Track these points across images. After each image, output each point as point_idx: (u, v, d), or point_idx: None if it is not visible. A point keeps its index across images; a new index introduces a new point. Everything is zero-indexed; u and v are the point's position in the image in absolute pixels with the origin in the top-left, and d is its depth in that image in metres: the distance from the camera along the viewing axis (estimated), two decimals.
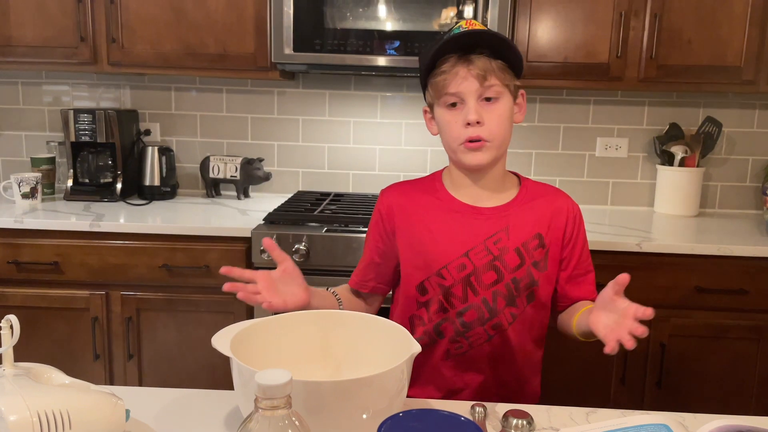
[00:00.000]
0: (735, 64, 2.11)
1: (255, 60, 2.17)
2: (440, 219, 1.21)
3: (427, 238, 1.20)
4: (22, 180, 2.19)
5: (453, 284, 1.18)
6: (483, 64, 1.11)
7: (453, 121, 1.15)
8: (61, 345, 2.06)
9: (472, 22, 1.15)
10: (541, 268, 1.20)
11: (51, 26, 2.17)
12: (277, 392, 0.57)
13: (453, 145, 1.17)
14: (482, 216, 1.20)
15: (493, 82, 1.12)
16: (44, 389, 0.80)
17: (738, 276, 1.93)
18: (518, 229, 1.19)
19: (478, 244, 1.18)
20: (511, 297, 1.18)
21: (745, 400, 2.00)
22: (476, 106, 1.12)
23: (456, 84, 1.12)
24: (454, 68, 1.12)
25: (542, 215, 1.22)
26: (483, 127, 1.13)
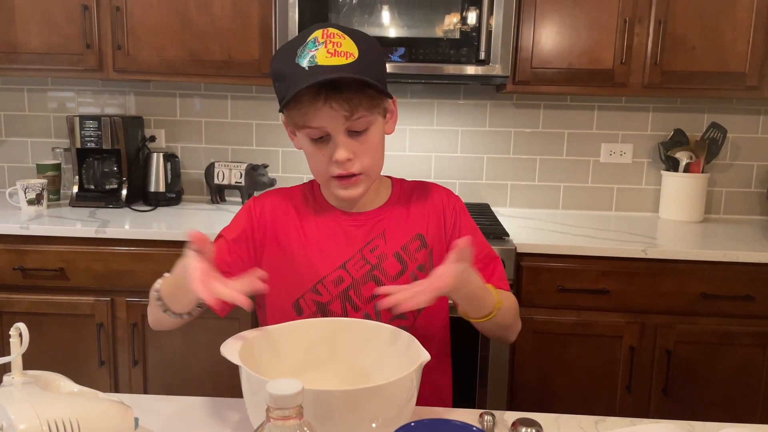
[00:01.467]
0: (739, 69, 2.11)
1: (260, 66, 2.17)
2: (315, 229, 1.11)
3: (303, 250, 1.09)
4: (27, 186, 2.20)
5: (330, 300, 1.07)
6: (348, 105, 0.96)
7: (319, 153, 1.02)
8: (66, 351, 2.06)
9: (332, 33, 0.97)
10: (427, 270, 1.08)
11: (57, 33, 2.18)
12: (289, 402, 0.57)
13: (321, 178, 1.06)
14: (357, 222, 1.10)
15: (362, 114, 0.98)
16: (53, 397, 0.80)
17: (744, 282, 1.92)
18: (395, 232, 1.10)
19: (355, 253, 1.08)
20: None
21: (751, 406, 1.99)
22: (345, 142, 0.99)
23: (319, 120, 0.97)
24: (315, 106, 0.96)
25: (420, 213, 1.13)
26: (354, 163, 1.01)
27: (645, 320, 1.96)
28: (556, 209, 2.56)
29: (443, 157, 2.54)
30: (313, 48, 0.95)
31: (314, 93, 0.95)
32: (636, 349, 1.97)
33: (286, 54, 0.99)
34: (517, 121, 2.51)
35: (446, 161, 2.55)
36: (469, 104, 2.51)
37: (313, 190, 1.16)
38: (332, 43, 0.95)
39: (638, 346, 1.97)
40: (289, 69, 0.96)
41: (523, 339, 1.95)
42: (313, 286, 1.07)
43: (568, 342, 1.98)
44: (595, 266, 1.93)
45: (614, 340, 1.98)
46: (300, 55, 0.96)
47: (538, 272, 1.95)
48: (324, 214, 1.12)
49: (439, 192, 1.17)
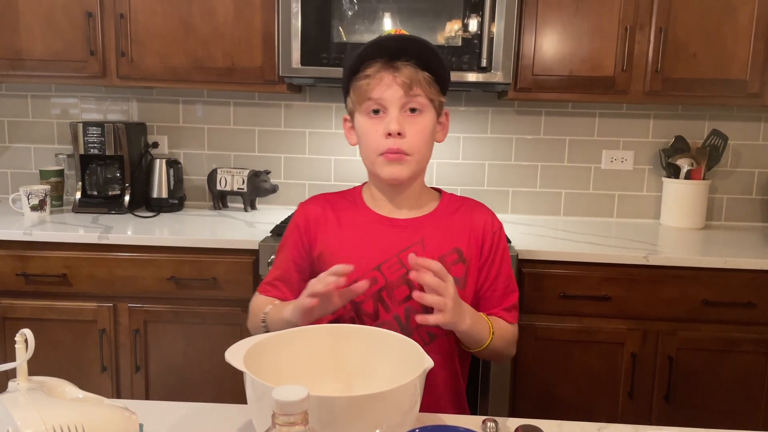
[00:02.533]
0: (740, 77, 2.12)
1: (263, 73, 2.19)
2: (354, 231, 1.15)
3: (340, 252, 1.14)
4: (30, 192, 2.21)
5: (364, 300, 1.11)
6: (409, 73, 1.06)
7: (373, 129, 1.09)
8: (68, 357, 2.06)
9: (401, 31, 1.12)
10: (461, 285, 1.11)
11: (61, 40, 2.19)
12: (295, 408, 0.58)
13: (371, 156, 1.11)
14: (397, 227, 1.14)
15: (418, 93, 1.07)
16: (58, 403, 0.80)
17: (745, 289, 1.92)
18: (434, 242, 1.13)
19: (391, 257, 1.11)
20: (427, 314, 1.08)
21: (754, 413, 1.99)
22: (399, 117, 1.07)
23: (380, 90, 1.07)
24: (379, 73, 1.07)
25: (461, 229, 1.16)
26: (404, 140, 1.08)
27: (647, 327, 1.96)
28: (557, 216, 2.56)
29: (445, 163, 2.55)
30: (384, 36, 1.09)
31: (380, 64, 1.06)
32: (638, 355, 1.97)
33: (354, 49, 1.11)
34: (518, 127, 2.51)
35: (448, 168, 2.55)
36: (471, 111, 2.52)
37: (354, 197, 1.22)
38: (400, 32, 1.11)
39: (640, 352, 1.97)
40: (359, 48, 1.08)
41: (525, 346, 1.95)
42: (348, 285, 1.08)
43: (570, 348, 1.98)
44: (597, 273, 1.94)
45: (616, 346, 1.98)
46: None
47: (539, 279, 1.95)
48: (364, 217, 1.17)
49: (484, 213, 1.20)
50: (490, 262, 1.17)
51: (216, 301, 2.01)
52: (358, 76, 1.09)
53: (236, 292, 1.99)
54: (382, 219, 1.16)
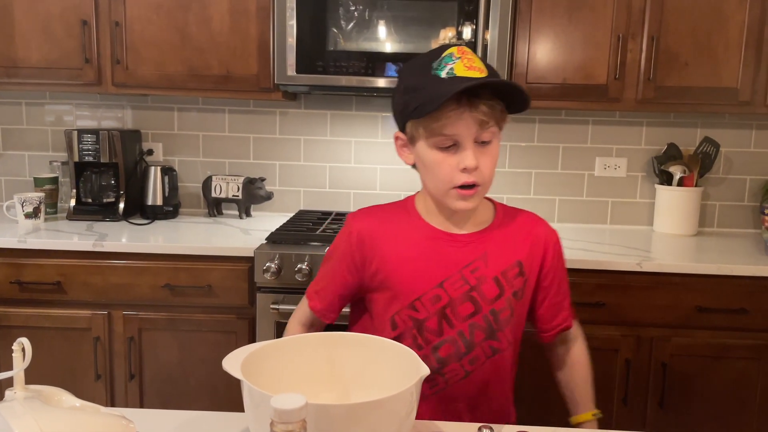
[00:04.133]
0: (731, 85, 2.14)
1: (258, 81, 2.19)
2: (413, 247, 1.13)
3: (399, 269, 1.12)
4: (25, 200, 2.20)
5: (427, 317, 1.11)
6: (488, 110, 1.02)
7: (445, 163, 1.06)
8: (62, 365, 2.06)
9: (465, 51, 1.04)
10: (519, 297, 1.14)
11: (56, 48, 2.19)
12: (293, 417, 0.58)
13: (442, 187, 1.08)
14: (458, 243, 1.12)
15: (492, 125, 1.05)
16: (56, 412, 0.80)
17: (738, 295, 1.94)
18: (497, 257, 1.13)
19: (454, 273, 1.10)
20: (491, 330, 1.12)
21: (747, 419, 2.00)
22: (474, 151, 1.04)
23: (455, 128, 1.03)
24: (455, 112, 1.01)
25: (521, 242, 1.16)
26: (478, 173, 1.06)
27: (641, 333, 1.97)
28: (551, 222, 2.54)
29: None
30: (450, 62, 1.02)
31: (456, 102, 1.01)
32: (632, 362, 1.98)
33: (418, 68, 1.06)
34: (512, 135, 2.53)
35: None
36: None
37: (408, 210, 1.18)
38: (467, 58, 1.03)
39: (634, 359, 1.98)
40: (426, 81, 1.03)
41: (520, 353, 1.95)
42: (410, 303, 1.11)
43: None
44: (591, 279, 1.95)
45: (610, 353, 1.99)
46: (437, 68, 1.03)
47: None
48: (422, 233, 1.14)
49: (541, 225, 1.21)
50: (553, 273, 1.19)
51: (211, 308, 2.01)
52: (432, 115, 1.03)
53: (231, 300, 2.00)
54: (442, 234, 1.13)
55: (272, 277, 1.91)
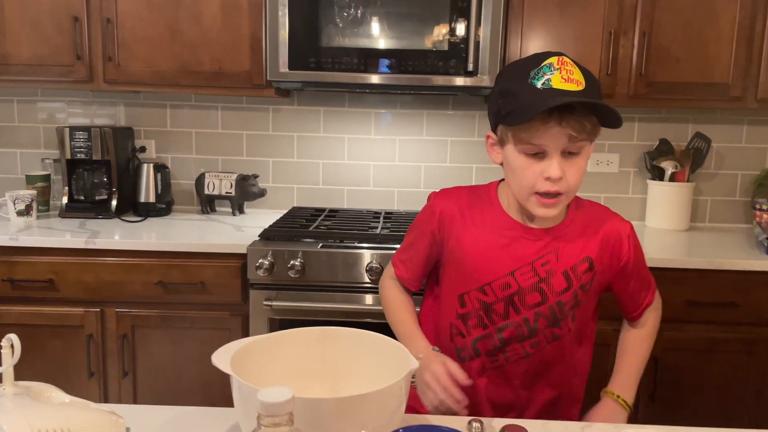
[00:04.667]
0: (723, 80, 2.15)
1: (250, 78, 2.19)
2: (490, 235, 1.18)
3: (475, 253, 1.18)
4: (17, 197, 2.20)
5: (495, 302, 1.17)
6: (578, 126, 1.03)
7: (530, 169, 1.08)
8: (55, 363, 2.05)
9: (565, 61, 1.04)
10: (586, 289, 1.18)
11: (47, 45, 2.19)
12: (280, 410, 0.58)
13: (524, 192, 1.11)
14: (533, 237, 1.16)
15: (582, 139, 1.05)
16: (45, 408, 0.80)
17: (729, 290, 1.95)
18: (568, 252, 1.17)
19: (525, 264, 1.15)
20: (555, 319, 1.17)
21: (738, 412, 2.02)
22: (560, 161, 1.06)
23: (543, 139, 1.05)
24: (546, 125, 1.03)
25: (593, 238, 1.19)
26: (563, 182, 1.07)
27: None
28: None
29: (433, 167, 2.57)
30: (549, 72, 1.03)
31: (547, 113, 1.02)
32: None
33: (516, 74, 1.07)
34: None
35: (436, 171, 2.57)
36: (458, 115, 2.54)
37: (490, 198, 1.22)
38: (566, 70, 1.03)
39: None
40: (522, 88, 1.04)
41: None
42: (480, 286, 1.17)
43: None
44: None
45: (602, 348, 1.98)
46: (534, 77, 1.04)
47: None
48: (501, 222, 1.19)
49: (614, 220, 1.23)
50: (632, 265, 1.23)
51: (204, 305, 2.01)
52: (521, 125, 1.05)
53: (224, 297, 2.00)
54: (518, 227, 1.17)
55: (265, 273, 1.92)
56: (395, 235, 2.06)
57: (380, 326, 1.26)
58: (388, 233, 2.08)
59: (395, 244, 2.01)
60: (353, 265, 1.93)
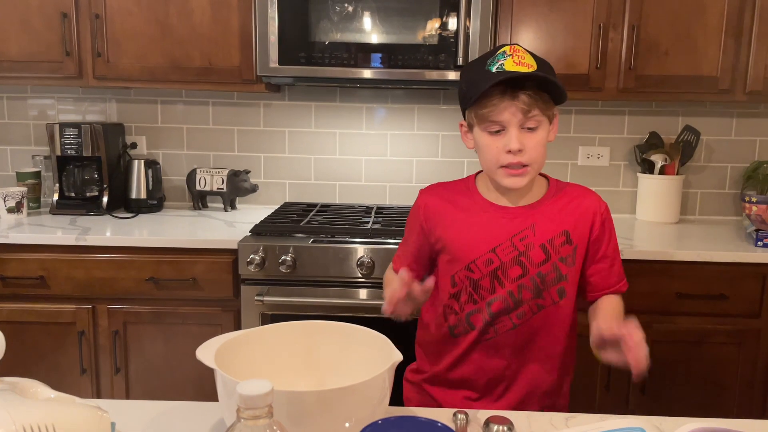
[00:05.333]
0: (711, 74, 2.16)
1: (241, 73, 2.19)
2: (470, 218, 1.29)
3: (459, 235, 1.29)
4: (7, 195, 2.19)
5: (481, 278, 1.26)
6: (528, 100, 1.17)
7: (494, 145, 1.22)
8: (47, 360, 2.05)
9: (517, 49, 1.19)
10: (569, 263, 1.27)
11: (36, 41, 2.18)
12: (259, 402, 0.59)
13: (491, 167, 1.24)
14: (509, 215, 1.27)
15: (535, 113, 1.18)
16: (30, 403, 0.81)
17: (718, 282, 1.96)
18: (544, 227, 1.26)
19: (504, 241, 1.26)
20: (537, 290, 1.26)
21: (728, 403, 2.03)
22: (518, 135, 1.19)
23: (501, 115, 1.18)
24: (502, 102, 1.17)
25: (569, 214, 1.29)
26: (523, 154, 1.20)
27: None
28: None
29: (424, 161, 2.57)
30: (502, 58, 1.18)
31: (501, 92, 1.17)
32: None
33: (476, 64, 1.23)
34: None
35: (427, 165, 2.57)
36: (450, 109, 2.54)
37: (469, 188, 1.34)
38: (517, 56, 1.18)
39: None
40: (480, 74, 1.19)
41: None
42: (466, 265, 1.27)
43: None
44: None
45: None
46: (490, 64, 1.18)
47: None
48: (480, 206, 1.30)
49: (589, 196, 1.33)
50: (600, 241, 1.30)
51: (196, 301, 2.01)
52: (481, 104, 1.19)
53: (216, 292, 2.00)
54: (497, 207, 1.29)
55: (256, 269, 1.92)
56: (387, 229, 2.06)
57: (372, 321, 1.26)
58: (379, 228, 2.08)
59: (387, 239, 2.01)
60: (345, 260, 1.94)
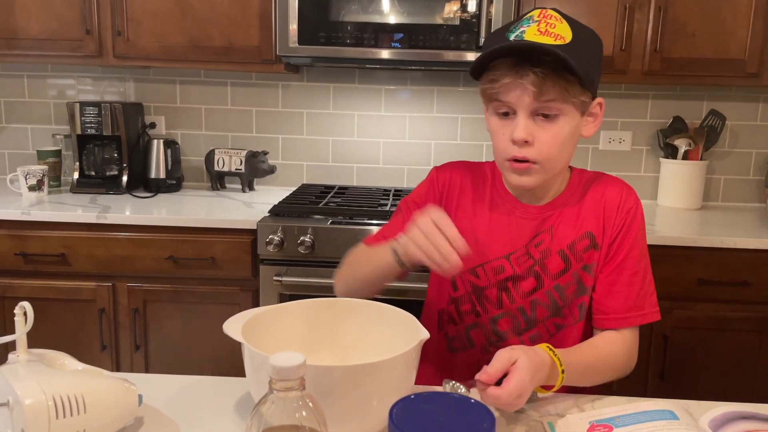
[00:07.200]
0: (739, 57, 2.11)
1: (260, 53, 2.18)
2: (489, 213, 1.09)
3: (469, 230, 1.07)
4: (28, 172, 2.21)
5: (487, 286, 1.07)
6: (535, 80, 0.93)
7: (500, 132, 1.00)
8: (68, 336, 2.08)
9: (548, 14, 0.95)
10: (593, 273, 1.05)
11: (56, 19, 2.18)
12: (291, 374, 0.58)
13: (498, 158, 1.04)
14: (529, 215, 1.07)
15: (552, 97, 0.95)
16: (58, 374, 0.81)
17: (740, 268, 1.93)
18: (564, 229, 1.06)
19: (520, 247, 1.06)
20: (556, 307, 1.06)
21: (747, 391, 2.01)
22: (527, 123, 0.96)
23: (508, 94, 0.96)
24: (504, 78, 0.95)
25: (592, 209, 1.06)
26: (532, 148, 0.98)
27: None
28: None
29: (443, 144, 2.55)
30: (526, 24, 0.94)
31: (509, 65, 0.94)
32: None
33: (501, 30, 0.99)
34: None
35: (446, 148, 2.55)
36: (469, 91, 2.51)
37: (494, 174, 1.13)
38: (546, 23, 0.94)
39: None
40: (497, 41, 0.96)
41: None
42: (473, 267, 1.07)
43: None
44: None
45: None
46: (511, 30, 0.96)
47: None
48: (499, 200, 1.10)
49: (615, 187, 1.09)
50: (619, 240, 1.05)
51: (214, 280, 2.02)
52: (484, 77, 0.98)
53: (234, 272, 2.00)
54: (517, 205, 1.08)
55: (275, 249, 1.92)
56: None
57: (390, 303, 1.26)
58: None
59: None
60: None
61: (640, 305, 1.05)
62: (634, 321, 1.06)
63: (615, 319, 1.05)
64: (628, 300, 1.05)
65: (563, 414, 0.92)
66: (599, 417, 0.88)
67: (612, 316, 1.05)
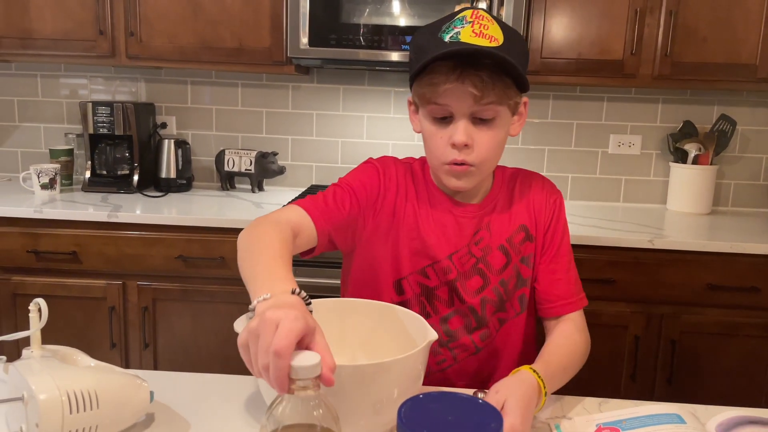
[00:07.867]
0: (750, 62, 2.11)
1: (271, 54, 2.19)
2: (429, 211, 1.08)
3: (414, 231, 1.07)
4: (41, 171, 2.23)
5: (438, 286, 1.07)
6: (481, 84, 0.92)
7: (437, 136, 0.99)
8: (78, 334, 2.10)
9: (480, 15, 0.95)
10: (531, 264, 1.08)
11: (70, 19, 2.20)
12: (308, 373, 0.59)
13: (434, 162, 1.03)
14: (467, 214, 1.08)
15: (491, 100, 0.95)
16: (72, 370, 0.83)
17: (750, 274, 1.93)
18: (500, 224, 1.08)
19: (462, 247, 1.07)
20: (500, 301, 1.07)
21: (756, 397, 2.00)
22: (466, 127, 0.96)
23: (447, 97, 0.95)
24: (447, 82, 0.94)
25: (523, 203, 1.10)
26: (471, 151, 0.98)
27: (650, 310, 1.97)
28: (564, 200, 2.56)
29: None
30: (460, 25, 0.94)
31: (450, 68, 0.93)
32: (641, 338, 1.98)
33: (431, 29, 0.98)
34: None
35: None
36: None
37: (424, 173, 1.12)
38: (480, 24, 0.93)
39: (643, 335, 1.98)
40: (431, 42, 0.95)
41: None
42: (422, 268, 1.06)
43: None
44: (602, 256, 1.94)
45: (619, 329, 1.99)
46: (444, 30, 0.95)
47: None
48: (437, 199, 1.10)
49: (539, 180, 1.13)
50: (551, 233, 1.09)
51: (223, 279, 2.03)
52: (421, 77, 0.97)
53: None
54: (454, 204, 1.08)
55: None
56: None
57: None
58: None
59: None
60: None
61: (579, 289, 1.10)
62: (579, 304, 1.09)
63: (563, 305, 1.08)
64: (570, 285, 1.09)
65: (570, 416, 0.92)
66: (606, 420, 0.88)
67: (559, 303, 1.08)
